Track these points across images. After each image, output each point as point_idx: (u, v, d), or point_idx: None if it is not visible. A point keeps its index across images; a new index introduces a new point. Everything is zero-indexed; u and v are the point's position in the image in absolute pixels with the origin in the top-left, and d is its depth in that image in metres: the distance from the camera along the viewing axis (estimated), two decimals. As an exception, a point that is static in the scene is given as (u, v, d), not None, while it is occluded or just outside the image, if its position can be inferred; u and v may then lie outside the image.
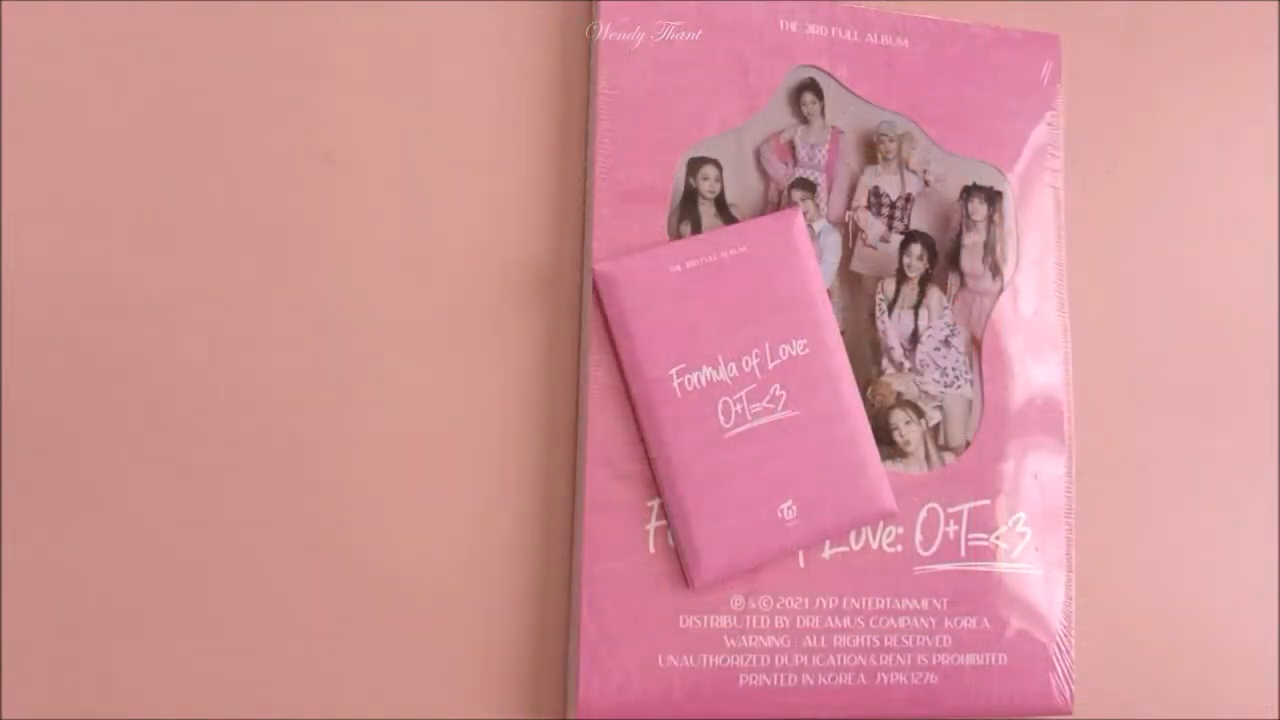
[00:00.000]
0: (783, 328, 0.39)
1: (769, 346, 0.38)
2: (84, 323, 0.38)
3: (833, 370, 0.39)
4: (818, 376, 0.39)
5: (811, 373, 0.39)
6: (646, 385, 0.38)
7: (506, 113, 0.43)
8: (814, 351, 0.38)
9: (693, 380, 0.37)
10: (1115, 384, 0.48)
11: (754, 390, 0.38)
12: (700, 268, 0.38)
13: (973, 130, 0.46)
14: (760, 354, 0.38)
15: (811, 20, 0.45)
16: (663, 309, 0.38)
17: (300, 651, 0.38)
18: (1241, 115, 0.52)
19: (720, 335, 0.38)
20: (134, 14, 0.40)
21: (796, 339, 0.38)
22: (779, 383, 0.38)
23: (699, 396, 0.38)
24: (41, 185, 0.38)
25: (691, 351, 0.38)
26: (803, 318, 0.39)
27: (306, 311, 0.40)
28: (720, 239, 0.39)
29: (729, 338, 0.38)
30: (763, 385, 0.38)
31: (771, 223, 0.40)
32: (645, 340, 0.37)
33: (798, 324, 0.39)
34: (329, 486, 0.39)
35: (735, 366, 0.38)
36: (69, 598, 0.37)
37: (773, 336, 0.38)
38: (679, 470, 0.38)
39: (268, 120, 0.40)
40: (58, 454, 0.37)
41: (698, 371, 0.37)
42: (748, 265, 0.39)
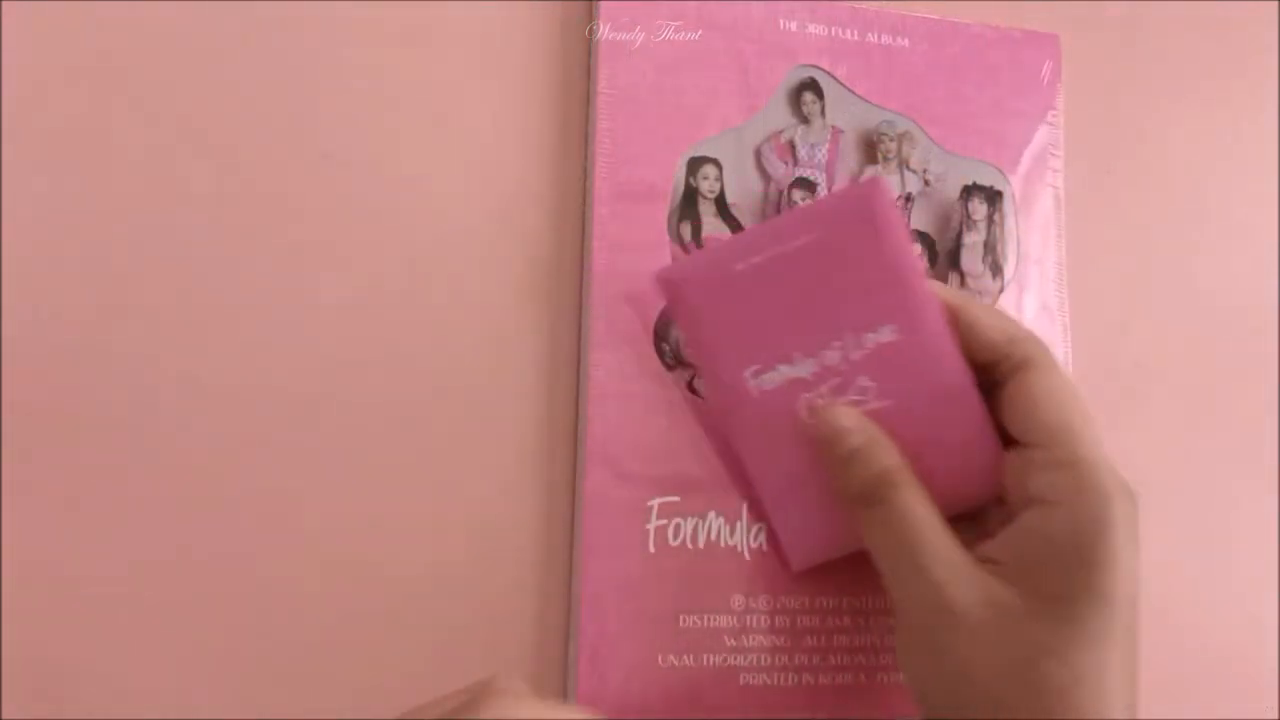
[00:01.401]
0: (866, 315, 0.35)
1: (851, 338, 0.35)
2: (83, 322, 0.38)
3: (931, 353, 0.35)
4: (912, 361, 0.35)
5: (904, 359, 0.35)
6: (722, 390, 0.36)
7: (506, 113, 0.43)
8: (906, 336, 0.34)
9: (769, 380, 0.35)
10: (1115, 383, 0.48)
11: (838, 384, 0.35)
12: (767, 262, 0.35)
13: (973, 130, 0.46)
14: (842, 346, 0.35)
15: (811, 20, 0.45)
16: (730, 310, 0.35)
17: (299, 651, 0.38)
18: (1242, 115, 0.52)
19: (794, 331, 0.35)
20: (134, 14, 0.40)
21: (883, 325, 0.34)
22: (866, 374, 0.35)
23: (778, 395, 0.35)
24: (41, 185, 0.38)
25: (765, 351, 0.35)
26: (890, 301, 0.34)
27: (304, 311, 0.40)
28: (786, 227, 0.35)
29: (804, 333, 0.35)
30: (847, 378, 0.35)
31: (847, 202, 0.35)
32: (715, 344, 0.35)
33: (884, 309, 0.35)
34: (328, 486, 0.39)
35: (814, 362, 0.35)
36: (69, 598, 0.37)
37: (855, 326, 0.35)
38: (764, 470, 0.36)
39: (267, 120, 0.40)
40: (57, 453, 0.37)
41: (774, 371, 0.35)
42: (821, 253, 0.35)
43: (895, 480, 0.33)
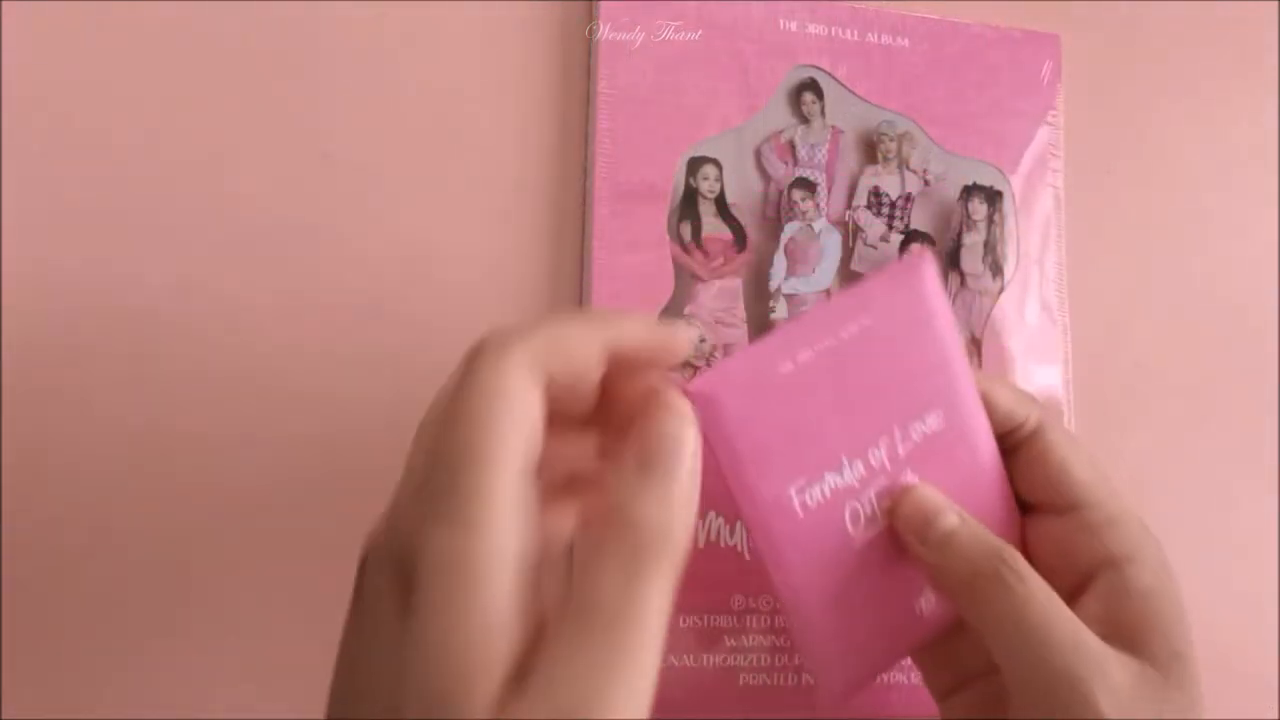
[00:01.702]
0: (914, 403, 0.31)
1: (899, 431, 0.31)
2: (83, 320, 0.38)
3: (970, 436, 0.32)
4: (953, 447, 0.32)
5: (947, 446, 0.32)
6: (763, 510, 0.30)
7: (506, 113, 0.43)
8: (949, 420, 0.31)
9: (816, 494, 0.30)
10: (1116, 384, 0.48)
11: (884, 487, 0.31)
12: (816, 358, 0.30)
13: (973, 130, 0.46)
14: (889, 442, 0.31)
15: (811, 20, 0.45)
16: (776, 417, 0.30)
17: (301, 651, 0.38)
18: (1242, 115, 0.52)
19: (843, 431, 0.30)
20: (134, 14, 0.39)
21: (930, 413, 0.31)
22: (911, 467, 0.31)
23: (824, 510, 0.30)
24: (41, 185, 0.38)
25: (811, 461, 0.30)
26: (936, 384, 0.31)
27: (305, 311, 0.40)
28: (836, 314, 0.30)
29: (853, 432, 0.31)
30: (893, 477, 0.31)
31: (898, 281, 0.31)
32: (756, 459, 0.30)
33: (931, 393, 0.31)
34: (331, 486, 0.39)
35: (862, 465, 0.31)
36: (69, 598, 0.37)
37: (903, 417, 0.31)
38: (804, 593, 0.31)
39: (267, 120, 0.40)
40: (57, 451, 0.37)
41: (820, 483, 0.30)
42: (874, 340, 0.30)
43: (1008, 555, 0.30)
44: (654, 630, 0.23)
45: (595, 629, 0.23)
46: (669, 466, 0.25)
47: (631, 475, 0.25)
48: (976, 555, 0.31)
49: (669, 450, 0.26)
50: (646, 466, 0.25)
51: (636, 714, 0.22)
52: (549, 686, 0.21)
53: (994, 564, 0.30)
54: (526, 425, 0.24)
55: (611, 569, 0.24)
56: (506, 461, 0.23)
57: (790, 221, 0.44)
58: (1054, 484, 0.33)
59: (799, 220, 0.44)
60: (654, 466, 0.25)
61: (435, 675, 0.21)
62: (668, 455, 0.26)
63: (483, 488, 0.23)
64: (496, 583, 0.22)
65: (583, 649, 0.22)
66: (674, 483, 0.25)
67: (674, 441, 0.26)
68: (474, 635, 0.21)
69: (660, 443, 0.26)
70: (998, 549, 0.31)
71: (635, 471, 0.26)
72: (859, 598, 0.31)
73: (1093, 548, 0.32)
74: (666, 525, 0.25)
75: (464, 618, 0.22)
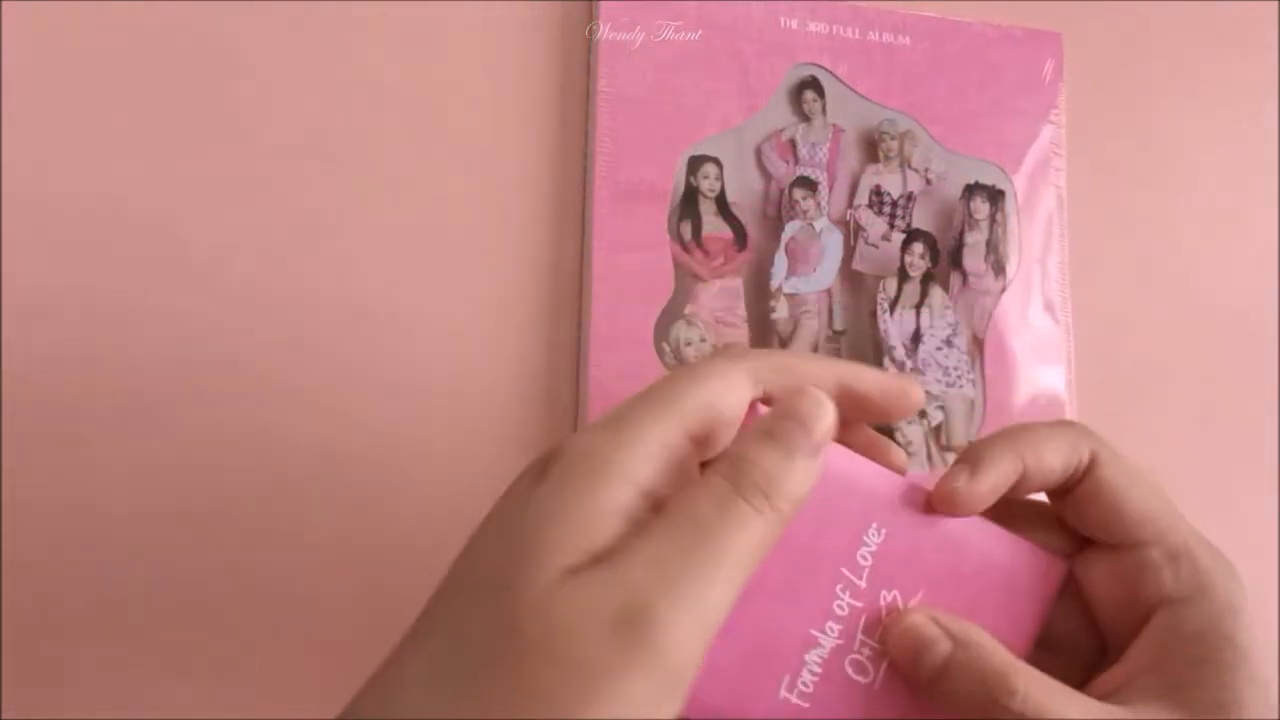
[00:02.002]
0: (846, 536, 0.29)
1: (848, 569, 0.29)
2: (83, 319, 0.38)
3: (919, 523, 0.30)
4: (913, 544, 0.30)
5: (905, 548, 0.30)
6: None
7: (506, 113, 0.43)
8: (889, 526, 0.29)
9: (809, 678, 0.29)
10: (1118, 383, 0.48)
11: (868, 619, 0.29)
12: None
13: (975, 129, 0.46)
14: (846, 583, 0.29)
15: (812, 18, 0.45)
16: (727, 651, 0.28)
17: (301, 651, 0.38)
18: (1243, 113, 0.52)
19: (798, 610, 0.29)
20: (134, 14, 0.40)
21: (866, 531, 0.29)
22: (884, 588, 0.29)
23: (825, 683, 0.29)
24: (41, 185, 0.38)
25: (786, 655, 0.29)
26: (853, 506, 0.29)
27: (305, 312, 0.40)
28: None
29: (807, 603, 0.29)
30: (872, 606, 0.29)
31: None
32: (735, 693, 0.28)
33: (855, 515, 0.29)
34: (332, 485, 0.39)
35: (834, 623, 0.29)
36: (69, 597, 0.37)
37: (844, 554, 0.29)
38: None
39: (267, 121, 0.40)
40: (57, 449, 0.37)
41: (805, 667, 0.29)
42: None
43: (1004, 689, 0.28)
44: (738, 559, 0.24)
45: (682, 534, 0.23)
46: (793, 437, 0.26)
47: (754, 437, 0.26)
48: (973, 692, 0.28)
49: (797, 423, 0.26)
50: (771, 433, 0.26)
51: (699, 623, 0.22)
52: (619, 567, 0.22)
53: (991, 702, 0.28)
54: (707, 409, 0.26)
55: (712, 491, 0.24)
56: (675, 418, 0.25)
57: (791, 220, 0.44)
58: (1108, 520, 0.31)
59: (800, 219, 0.44)
60: (778, 434, 0.26)
61: (529, 532, 0.23)
62: (794, 428, 0.26)
63: (641, 420, 0.25)
64: (616, 484, 0.24)
65: (664, 546, 0.23)
66: (796, 451, 0.25)
67: (805, 416, 0.26)
68: (577, 511, 0.23)
69: (790, 414, 0.26)
70: (993, 681, 0.28)
71: (758, 434, 0.26)
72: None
73: (1149, 587, 0.30)
74: (777, 476, 0.25)
75: (575, 495, 0.24)
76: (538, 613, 0.22)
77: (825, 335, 0.43)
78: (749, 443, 0.26)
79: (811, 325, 0.43)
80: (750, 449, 0.25)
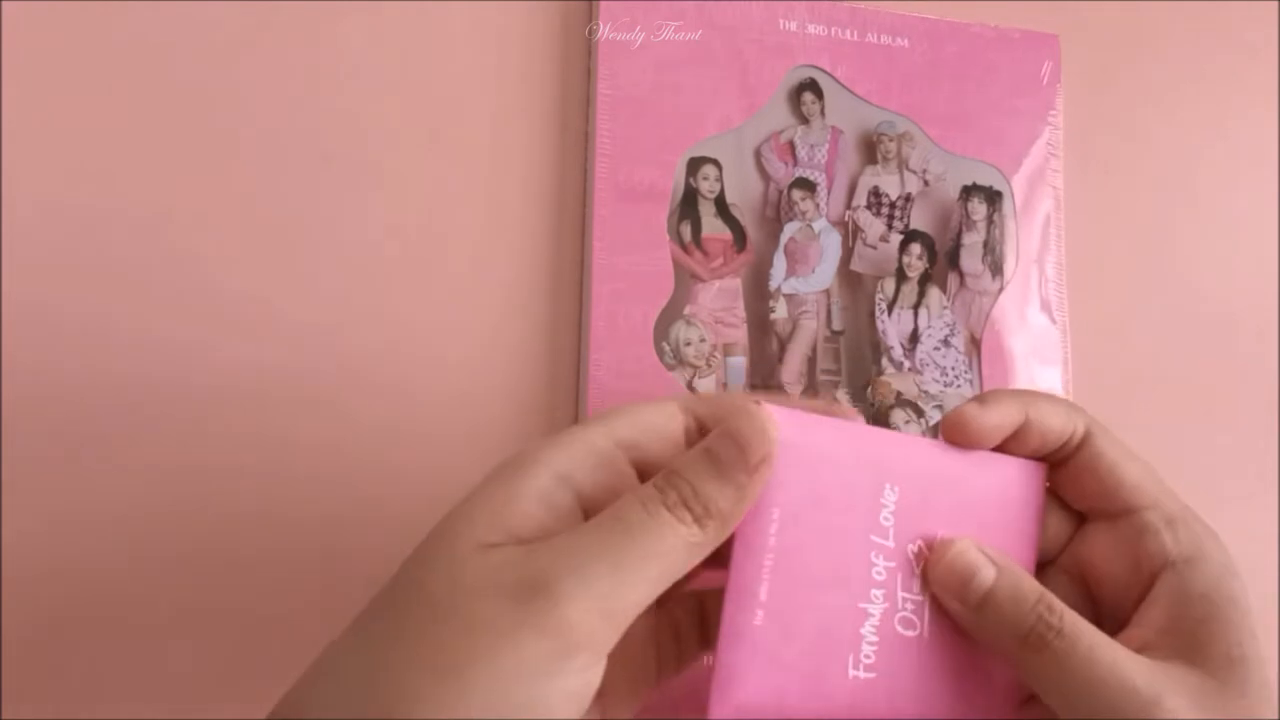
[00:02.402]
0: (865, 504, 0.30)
1: (876, 534, 0.30)
2: (83, 320, 0.38)
3: (933, 476, 0.31)
4: (927, 497, 0.31)
5: (920, 501, 0.31)
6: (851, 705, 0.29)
7: (506, 113, 0.43)
8: (903, 483, 0.30)
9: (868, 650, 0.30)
10: (1115, 384, 0.48)
11: (905, 575, 0.30)
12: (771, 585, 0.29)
13: (972, 130, 0.46)
14: (878, 548, 0.30)
15: (811, 20, 0.45)
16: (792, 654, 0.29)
17: (300, 651, 0.38)
18: (1241, 115, 0.52)
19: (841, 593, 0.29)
20: (134, 14, 0.39)
21: (882, 492, 0.30)
22: (913, 539, 0.30)
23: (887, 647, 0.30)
24: (41, 185, 0.38)
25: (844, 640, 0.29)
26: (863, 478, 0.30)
27: (306, 312, 0.40)
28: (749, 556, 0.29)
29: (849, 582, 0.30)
30: (906, 563, 0.30)
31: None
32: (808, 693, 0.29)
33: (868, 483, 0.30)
34: (331, 486, 0.39)
35: (877, 590, 0.30)
36: (69, 598, 0.37)
37: (867, 523, 0.30)
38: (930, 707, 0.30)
39: (267, 120, 0.40)
40: (57, 450, 0.37)
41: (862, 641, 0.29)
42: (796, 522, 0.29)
43: (1044, 607, 0.29)
44: (656, 564, 0.25)
45: (602, 530, 0.25)
46: (728, 457, 0.26)
47: (693, 453, 0.27)
48: (1015, 614, 0.29)
49: (735, 444, 0.27)
50: (708, 450, 0.27)
51: (601, 606, 0.24)
52: (535, 549, 0.24)
53: (1030, 621, 0.29)
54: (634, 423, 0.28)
55: (640, 497, 0.26)
56: (602, 428, 0.27)
57: (790, 221, 0.44)
58: (1107, 489, 0.32)
59: (799, 220, 0.44)
60: (714, 452, 0.27)
61: (452, 515, 0.26)
62: (730, 448, 0.26)
63: (571, 430, 0.27)
64: (534, 471, 0.26)
65: (583, 538, 0.25)
66: (729, 470, 0.26)
67: (744, 437, 0.27)
68: (496, 492, 0.26)
69: (728, 434, 0.27)
70: (1033, 602, 0.29)
71: (697, 451, 0.27)
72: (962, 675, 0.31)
73: (1151, 550, 0.31)
74: (705, 493, 0.26)
75: (496, 482, 0.26)
76: (445, 577, 0.24)
77: (824, 335, 0.44)
78: (686, 458, 0.27)
79: (810, 325, 0.43)
80: (685, 464, 0.26)
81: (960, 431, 0.31)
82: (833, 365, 0.44)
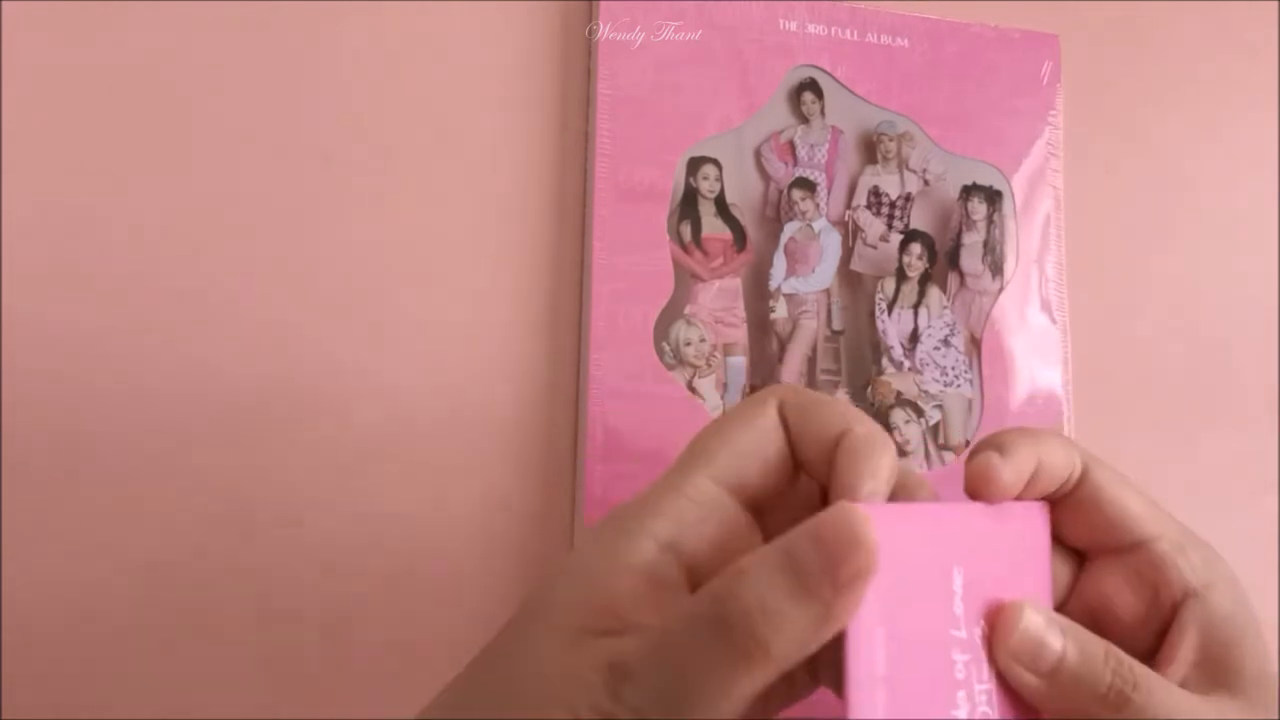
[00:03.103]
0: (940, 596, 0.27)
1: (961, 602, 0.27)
2: (83, 321, 0.38)
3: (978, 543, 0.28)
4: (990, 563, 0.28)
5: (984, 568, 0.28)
6: None
7: (506, 113, 0.43)
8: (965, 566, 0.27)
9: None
10: (1115, 383, 0.48)
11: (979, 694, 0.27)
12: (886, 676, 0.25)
13: (972, 130, 0.46)
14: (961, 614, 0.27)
15: (811, 20, 0.45)
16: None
17: (298, 650, 0.38)
18: (1241, 115, 0.52)
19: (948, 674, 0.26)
20: (134, 15, 0.39)
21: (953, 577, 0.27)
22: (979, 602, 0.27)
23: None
24: (42, 185, 0.38)
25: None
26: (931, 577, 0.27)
27: (306, 312, 0.40)
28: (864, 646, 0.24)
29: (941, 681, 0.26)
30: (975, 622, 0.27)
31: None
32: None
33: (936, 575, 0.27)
34: (329, 486, 0.39)
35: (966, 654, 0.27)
36: (69, 598, 0.37)
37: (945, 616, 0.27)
38: None
39: (268, 121, 0.40)
40: (58, 451, 0.37)
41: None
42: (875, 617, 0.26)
43: (1115, 664, 0.28)
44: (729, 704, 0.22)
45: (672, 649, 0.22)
46: (809, 574, 0.22)
47: (769, 558, 0.22)
48: (1091, 675, 0.27)
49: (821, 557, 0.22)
50: (789, 559, 0.22)
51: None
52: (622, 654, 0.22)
53: (1107, 679, 0.27)
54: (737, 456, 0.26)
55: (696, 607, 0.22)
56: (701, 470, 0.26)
57: (790, 221, 0.44)
58: (1112, 522, 0.30)
59: (799, 220, 0.44)
60: (795, 563, 0.22)
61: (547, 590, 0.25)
62: (814, 563, 0.22)
63: (667, 478, 0.26)
64: (636, 540, 0.24)
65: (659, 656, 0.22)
66: (806, 593, 0.22)
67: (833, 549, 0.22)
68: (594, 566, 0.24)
69: (816, 540, 0.22)
70: (1103, 658, 0.28)
71: (777, 555, 0.22)
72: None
73: (1171, 580, 0.30)
74: (777, 617, 0.22)
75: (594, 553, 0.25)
76: (535, 674, 0.23)
77: (824, 335, 0.44)
78: (759, 559, 0.22)
79: (810, 325, 0.43)
80: (755, 569, 0.22)
81: (987, 486, 0.28)
82: (833, 365, 0.44)
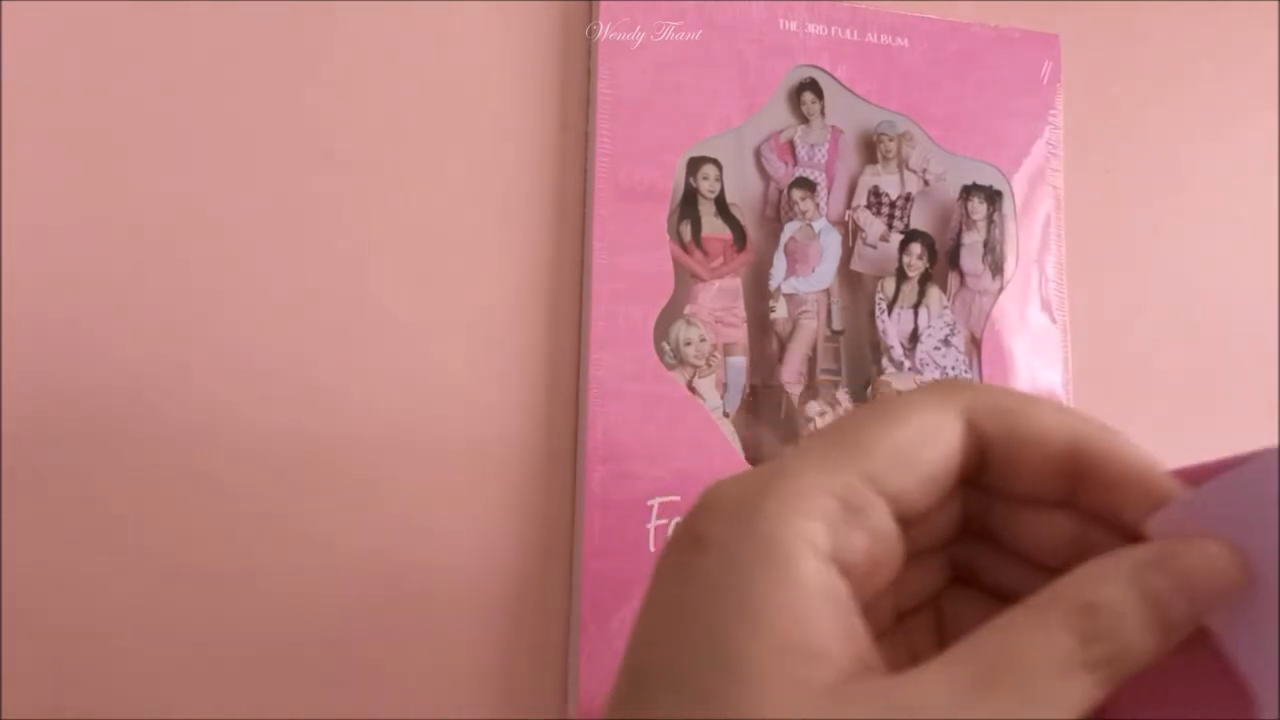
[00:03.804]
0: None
1: None
2: (84, 323, 0.38)
3: None
4: None
5: None
6: None
7: (507, 113, 0.43)
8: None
9: None
10: (1115, 383, 0.48)
11: None
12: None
13: (972, 130, 0.46)
14: None
15: (811, 19, 0.45)
16: None
17: (299, 651, 0.38)
18: (1241, 115, 0.52)
19: None
20: (134, 15, 0.39)
21: None
22: None
23: None
24: (42, 185, 0.38)
25: None
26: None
27: (306, 312, 0.40)
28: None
29: None
30: None
31: None
32: None
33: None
34: (329, 486, 0.39)
35: None
36: (69, 598, 0.37)
37: None
38: None
39: (268, 121, 0.40)
40: (58, 451, 0.37)
41: None
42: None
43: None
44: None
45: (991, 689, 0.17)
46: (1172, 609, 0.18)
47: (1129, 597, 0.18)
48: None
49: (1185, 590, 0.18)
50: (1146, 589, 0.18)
51: None
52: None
53: None
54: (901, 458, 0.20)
55: (1052, 644, 0.18)
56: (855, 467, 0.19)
57: (790, 221, 0.44)
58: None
59: (799, 220, 0.44)
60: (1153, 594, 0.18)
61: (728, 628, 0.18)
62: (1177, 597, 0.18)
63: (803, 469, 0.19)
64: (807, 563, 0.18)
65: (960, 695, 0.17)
66: (1163, 625, 0.18)
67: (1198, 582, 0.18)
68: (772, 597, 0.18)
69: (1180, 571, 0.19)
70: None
71: (1127, 577, 0.18)
72: None
73: None
74: (1140, 653, 0.18)
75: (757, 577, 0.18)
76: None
77: (824, 335, 0.44)
78: (1117, 594, 0.18)
79: (810, 325, 0.43)
80: (1115, 605, 0.18)
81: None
82: (833, 365, 0.44)
